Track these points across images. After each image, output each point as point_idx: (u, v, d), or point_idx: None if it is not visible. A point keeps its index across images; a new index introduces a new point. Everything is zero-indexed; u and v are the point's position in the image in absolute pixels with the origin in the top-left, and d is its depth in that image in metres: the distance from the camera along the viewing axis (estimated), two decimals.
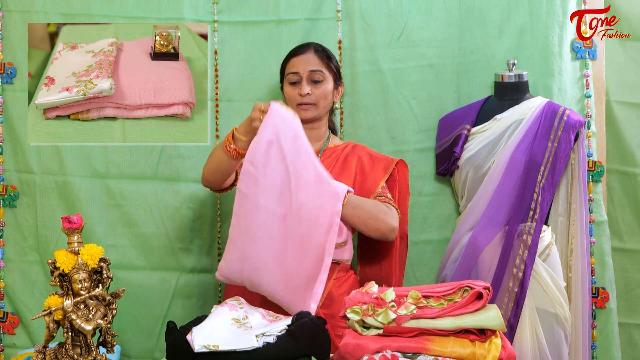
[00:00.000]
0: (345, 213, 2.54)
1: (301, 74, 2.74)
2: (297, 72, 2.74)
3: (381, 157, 2.84)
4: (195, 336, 2.09)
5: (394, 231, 2.64)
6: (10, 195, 3.04)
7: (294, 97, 2.75)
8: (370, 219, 2.60)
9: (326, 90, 2.76)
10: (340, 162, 2.79)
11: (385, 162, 2.81)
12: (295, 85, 2.75)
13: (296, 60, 2.77)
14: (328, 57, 2.79)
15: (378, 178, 2.75)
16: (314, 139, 2.80)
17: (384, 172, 2.77)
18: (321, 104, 2.76)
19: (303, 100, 2.73)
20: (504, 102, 2.95)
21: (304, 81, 2.73)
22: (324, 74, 2.75)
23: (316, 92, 2.74)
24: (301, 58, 2.76)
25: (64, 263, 2.10)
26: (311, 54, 2.77)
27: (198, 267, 3.06)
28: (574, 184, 2.91)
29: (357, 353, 2.06)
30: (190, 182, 3.05)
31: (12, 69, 3.02)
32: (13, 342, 3.04)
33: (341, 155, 2.81)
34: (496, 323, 2.08)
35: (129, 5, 3.04)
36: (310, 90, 2.73)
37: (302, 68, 2.74)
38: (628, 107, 3.17)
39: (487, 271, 2.85)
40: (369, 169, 2.77)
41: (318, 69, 2.74)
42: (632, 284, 3.20)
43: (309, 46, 2.80)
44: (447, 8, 3.07)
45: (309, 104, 2.74)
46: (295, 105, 2.74)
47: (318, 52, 2.78)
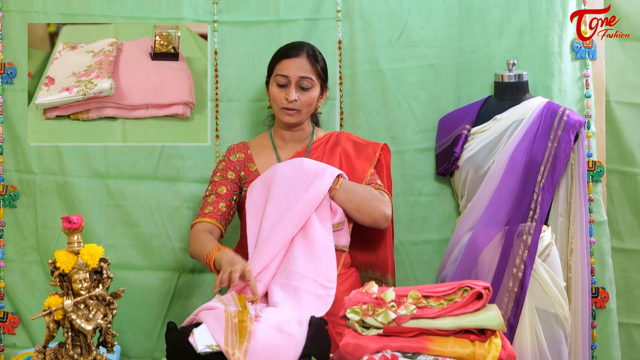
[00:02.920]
0: (339, 197, 2.59)
1: (291, 79, 2.71)
2: (287, 75, 2.71)
3: (365, 143, 2.84)
4: (198, 337, 2.09)
5: (387, 220, 2.67)
6: (10, 195, 3.04)
7: (279, 100, 2.73)
8: (363, 205, 2.63)
9: (312, 98, 2.74)
10: (327, 155, 2.79)
11: (370, 149, 2.81)
12: (282, 88, 2.73)
13: (288, 63, 2.73)
14: (318, 63, 2.76)
15: (365, 166, 2.76)
16: (298, 139, 2.83)
17: (371, 159, 2.78)
18: (305, 111, 2.75)
19: (289, 105, 2.72)
20: (504, 102, 2.96)
21: (293, 86, 2.71)
22: (313, 81, 2.73)
23: (302, 99, 2.72)
24: (293, 62, 2.73)
25: (64, 263, 2.10)
26: (303, 58, 2.73)
27: (198, 267, 3.06)
28: (574, 184, 2.91)
29: (357, 353, 2.07)
30: (190, 182, 3.05)
31: (12, 69, 3.02)
32: (13, 342, 3.04)
33: (326, 148, 2.81)
34: (496, 323, 2.08)
35: (129, 5, 3.04)
36: (297, 96, 2.71)
37: (292, 73, 2.71)
38: (628, 107, 3.17)
39: (487, 271, 2.85)
40: (355, 157, 2.78)
41: (308, 76, 2.72)
42: (632, 284, 3.20)
43: (302, 49, 2.76)
44: (447, 8, 3.07)
45: (293, 110, 2.73)
46: (280, 108, 2.74)
47: (310, 57, 2.74)
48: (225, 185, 2.74)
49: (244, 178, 2.77)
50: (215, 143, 3.07)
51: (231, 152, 2.83)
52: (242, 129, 3.08)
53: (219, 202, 2.70)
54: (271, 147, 2.83)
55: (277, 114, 2.78)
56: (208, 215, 2.68)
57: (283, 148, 2.83)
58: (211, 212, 2.69)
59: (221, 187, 2.74)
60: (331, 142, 2.83)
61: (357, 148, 2.81)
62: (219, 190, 2.73)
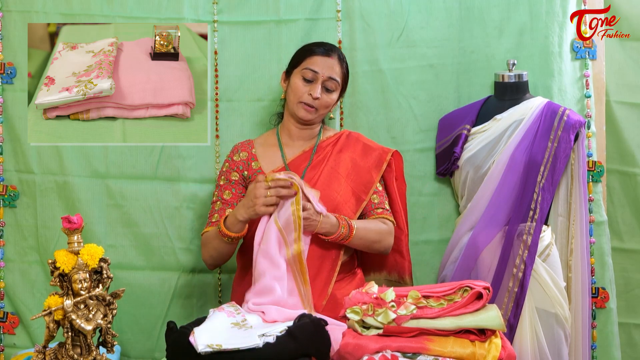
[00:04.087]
0: (352, 243, 2.64)
1: (319, 76, 2.69)
2: (317, 71, 2.69)
3: (375, 147, 2.83)
4: (198, 337, 2.09)
5: (390, 248, 2.75)
6: (10, 195, 3.04)
7: (301, 93, 2.70)
8: (373, 244, 2.70)
9: (332, 101, 2.74)
10: (334, 158, 2.78)
11: (379, 155, 2.80)
12: (308, 83, 2.70)
13: (321, 60, 2.71)
14: (346, 70, 2.78)
15: (374, 175, 2.76)
16: (307, 137, 2.82)
17: (379, 167, 2.79)
18: (322, 112, 2.74)
19: (310, 102, 2.70)
20: (504, 102, 2.96)
21: (319, 84, 2.69)
22: (338, 84, 2.73)
23: (324, 99, 2.71)
24: (327, 60, 2.71)
25: (64, 263, 2.10)
26: (335, 60, 2.73)
27: (198, 267, 3.06)
28: (574, 184, 2.91)
29: (357, 353, 2.07)
30: (190, 182, 3.05)
31: (12, 69, 3.02)
32: (13, 342, 3.04)
33: (334, 151, 2.79)
34: (496, 323, 2.08)
35: (129, 5, 3.04)
36: (320, 95, 2.71)
37: (324, 70, 2.70)
38: (628, 107, 3.17)
39: (487, 271, 2.85)
40: (363, 165, 2.77)
41: (336, 79, 2.71)
42: (632, 284, 3.20)
43: (335, 50, 2.76)
44: (447, 8, 3.07)
45: (312, 107, 2.72)
46: (299, 101, 2.71)
47: (342, 62, 2.75)
48: (230, 190, 2.75)
49: (248, 178, 2.77)
50: (215, 143, 3.07)
51: (235, 151, 2.83)
52: (242, 129, 3.07)
53: (226, 209, 2.71)
54: (277, 145, 2.82)
55: (293, 107, 2.74)
56: (215, 224, 2.69)
57: (290, 146, 2.81)
58: (218, 220, 2.69)
59: (226, 192, 2.74)
60: (339, 144, 2.81)
61: (365, 153, 2.80)
62: (225, 195, 2.74)
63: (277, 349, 2.09)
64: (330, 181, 2.71)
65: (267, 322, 2.32)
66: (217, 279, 3.08)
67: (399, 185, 2.85)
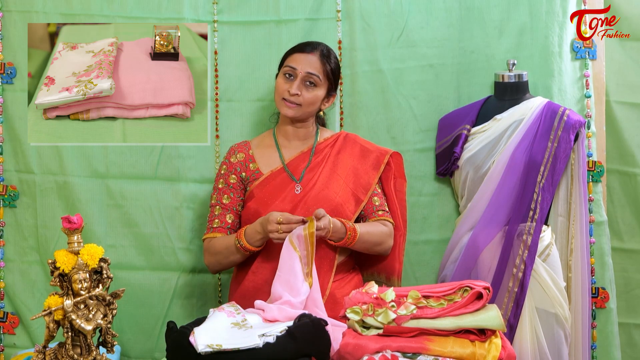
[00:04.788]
0: (355, 246, 2.66)
1: (298, 72, 2.70)
2: (295, 68, 2.71)
3: (373, 149, 2.84)
4: (198, 337, 2.09)
5: (390, 250, 2.77)
6: (10, 195, 3.04)
7: (282, 91, 2.72)
8: (374, 246, 2.72)
9: (316, 97, 2.73)
10: (332, 160, 2.78)
11: (376, 157, 2.81)
12: (288, 80, 2.72)
13: (299, 57, 2.73)
14: (330, 64, 2.75)
15: (372, 176, 2.77)
16: (303, 137, 2.81)
17: (377, 168, 2.80)
18: (305, 108, 2.73)
19: (290, 97, 2.71)
20: (504, 102, 2.96)
21: (298, 80, 2.70)
22: (320, 80, 2.72)
23: (306, 95, 2.71)
24: (305, 56, 2.73)
25: (64, 263, 2.10)
26: (315, 56, 2.73)
27: (198, 267, 3.06)
28: (574, 184, 2.91)
29: (357, 353, 2.07)
30: (190, 182, 3.05)
31: (12, 69, 3.02)
32: (13, 342, 3.04)
33: (332, 153, 2.80)
34: (496, 323, 2.08)
35: (129, 5, 3.03)
36: (300, 91, 2.70)
37: (300, 66, 2.71)
38: (628, 107, 3.17)
39: (487, 271, 2.85)
40: (361, 166, 2.78)
41: (315, 74, 2.71)
42: (632, 284, 3.20)
43: (317, 47, 2.76)
44: (447, 8, 3.07)
45: (294, 104, 2.72)
46: (281, 98, 2.73)
47: (322, 57, 2.74)
48: (228, 193, 2.76)
49: (246, 179, 2.77)
50: (215, 143, 3.07)
51: (231, 153, 2.83)
52: (242, 129, 3.07)
53: (226, 214, 2.73)
54: (274, 146, 2.82)
55: (278, 105, 2.76)
56: (217, 230, 2.72)
57: (286, 147, 2.81)
58: (220, 226, 2.72)
59: (225, 196, 2.76)
60: (337, 146, 2.82)
61: (363, 155, 2.81)
62: (224, 199, 2.75)
63: (277, 349, 2.09)
64: (329, 182, 2.72)
65: (268, 321, 2.32)
66: (217, 279, 3.08)
67: (399, 183, 2.85)
